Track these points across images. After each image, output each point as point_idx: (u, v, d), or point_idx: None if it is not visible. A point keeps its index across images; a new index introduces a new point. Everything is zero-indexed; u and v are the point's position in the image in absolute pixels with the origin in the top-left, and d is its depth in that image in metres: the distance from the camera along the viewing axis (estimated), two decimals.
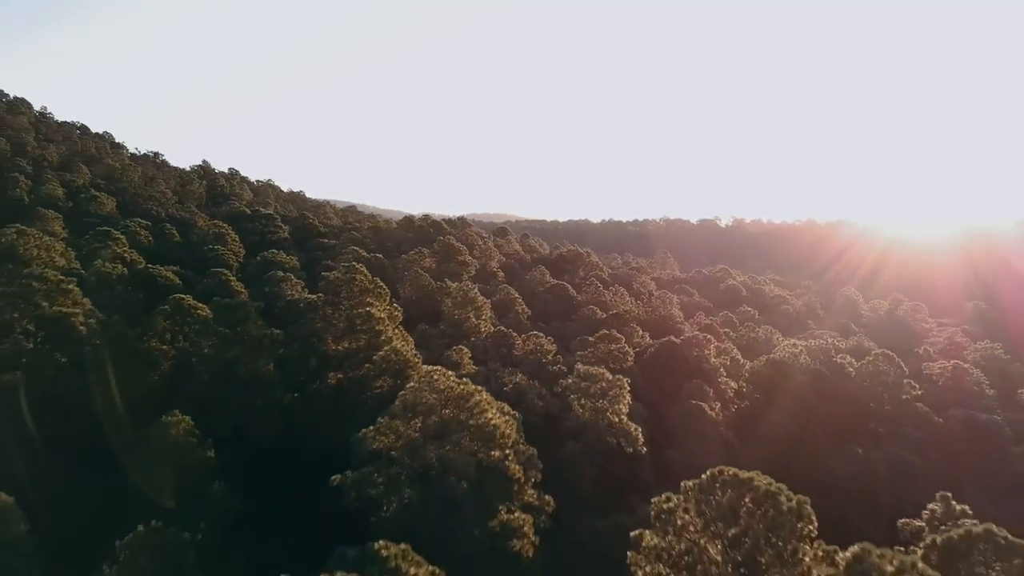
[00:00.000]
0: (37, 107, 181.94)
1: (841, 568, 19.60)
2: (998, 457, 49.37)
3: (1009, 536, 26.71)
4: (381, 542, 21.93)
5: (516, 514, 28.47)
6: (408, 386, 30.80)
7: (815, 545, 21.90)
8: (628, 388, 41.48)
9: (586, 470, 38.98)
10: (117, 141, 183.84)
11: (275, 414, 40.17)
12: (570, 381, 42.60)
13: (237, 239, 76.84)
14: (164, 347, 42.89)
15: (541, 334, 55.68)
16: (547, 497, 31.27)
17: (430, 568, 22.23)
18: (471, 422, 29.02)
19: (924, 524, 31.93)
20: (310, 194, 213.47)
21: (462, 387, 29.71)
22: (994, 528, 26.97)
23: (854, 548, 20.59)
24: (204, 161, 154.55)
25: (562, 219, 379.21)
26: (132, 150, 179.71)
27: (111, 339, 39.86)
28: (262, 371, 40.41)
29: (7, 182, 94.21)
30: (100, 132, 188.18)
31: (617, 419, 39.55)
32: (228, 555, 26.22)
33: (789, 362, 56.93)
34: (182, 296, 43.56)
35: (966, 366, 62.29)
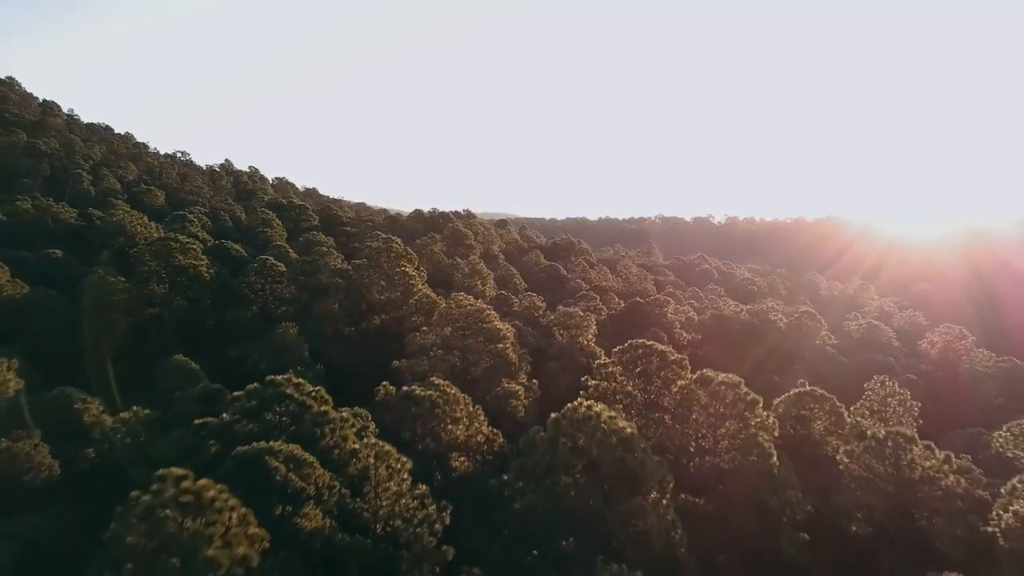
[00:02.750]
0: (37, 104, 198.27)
1: (691, 380, 35.90)
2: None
3: (822, 392, 43.24)
4: (434, 377, 38.24)
5: (513, 385, 44.75)
6: (441, 306, 47.18)
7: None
8: (595, 322, 57.84)
9: (563, 379, 55.20)
10: (138, 141, 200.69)
11: (340, 341, 56.51)
12: (552, 317, 59.07)
13: (280, 224, 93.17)
14: (252, 295, 59.42)
15: (534, 294, 72.08)
16: (534, 381, 47.62)
17: (463, 394, 38.36)
18: (484, 326, 45.36)
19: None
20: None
21: (477, 305, 46.08)
22: (814, 388, 43.52)
23: (701, 371, 36.94)
24: (227, 160, 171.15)
25: (560, 217, 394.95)
26: (152, 149, 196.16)
27: (221, 285, 56.32)
28: (329, 309, 56.73)
29: (72, 177, 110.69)
30: (122, 133, 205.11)
31: (586, 343, 55.90)
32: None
33: (731, 317, 73.27)
34: (266, 257, 59.98)
35: (876, 323, 78.69)
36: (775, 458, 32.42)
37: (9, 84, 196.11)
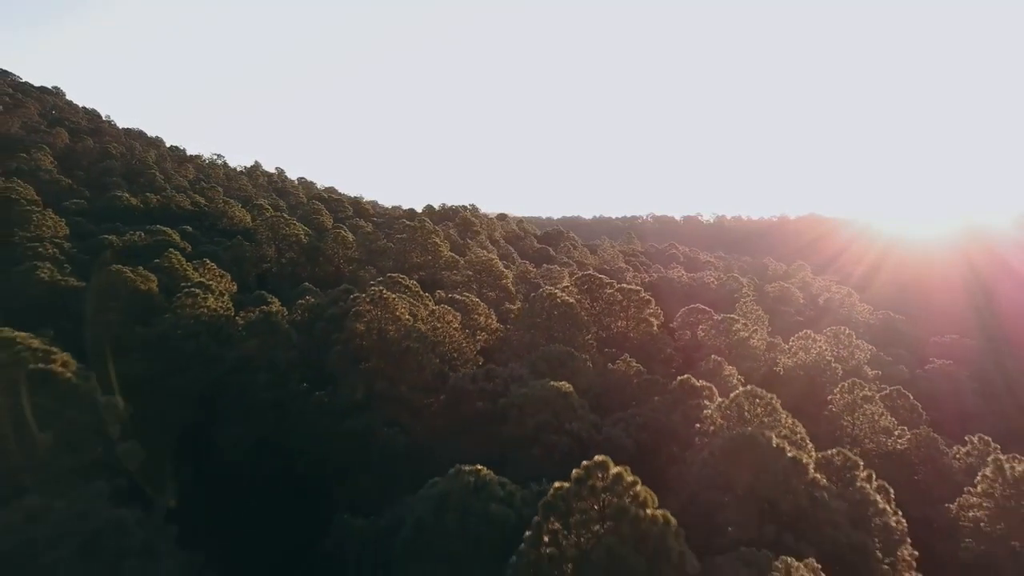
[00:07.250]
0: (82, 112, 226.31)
1: (614, 290, 64.54)
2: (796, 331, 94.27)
3: (705, 307, 71.99)
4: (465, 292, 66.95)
5: (512, 306, 73.54)
6: (465, 258, 76.04)
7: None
8: (568, 276, 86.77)
9: None
10: (171, 144, 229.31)
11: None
12: (537, 272, 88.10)
13: (328, 213, 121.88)
14: (331, 256, 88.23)
15: (528, 262, 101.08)
16: (526, 305, 76.39)
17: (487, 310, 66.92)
18: (492, 269, 74.23)
19: None
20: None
21: (488, 256, 75.00)
22: (699, 305, 72.28)
23: (620, 285, 65.68)
24: (256, 161, 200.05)
25: (555, 216, 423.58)
26: (183, 151, 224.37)
27: (311, 248, 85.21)
28: (385, 265, 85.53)
29: (147, 176, 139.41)
30: (153, 136, 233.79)
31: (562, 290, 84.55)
32: None
33: (674, 279, 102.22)
34: (339, 230, 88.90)
35: (787, 286, 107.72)
36: (655, 327, 61.23)
37: (56, 94, 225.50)
